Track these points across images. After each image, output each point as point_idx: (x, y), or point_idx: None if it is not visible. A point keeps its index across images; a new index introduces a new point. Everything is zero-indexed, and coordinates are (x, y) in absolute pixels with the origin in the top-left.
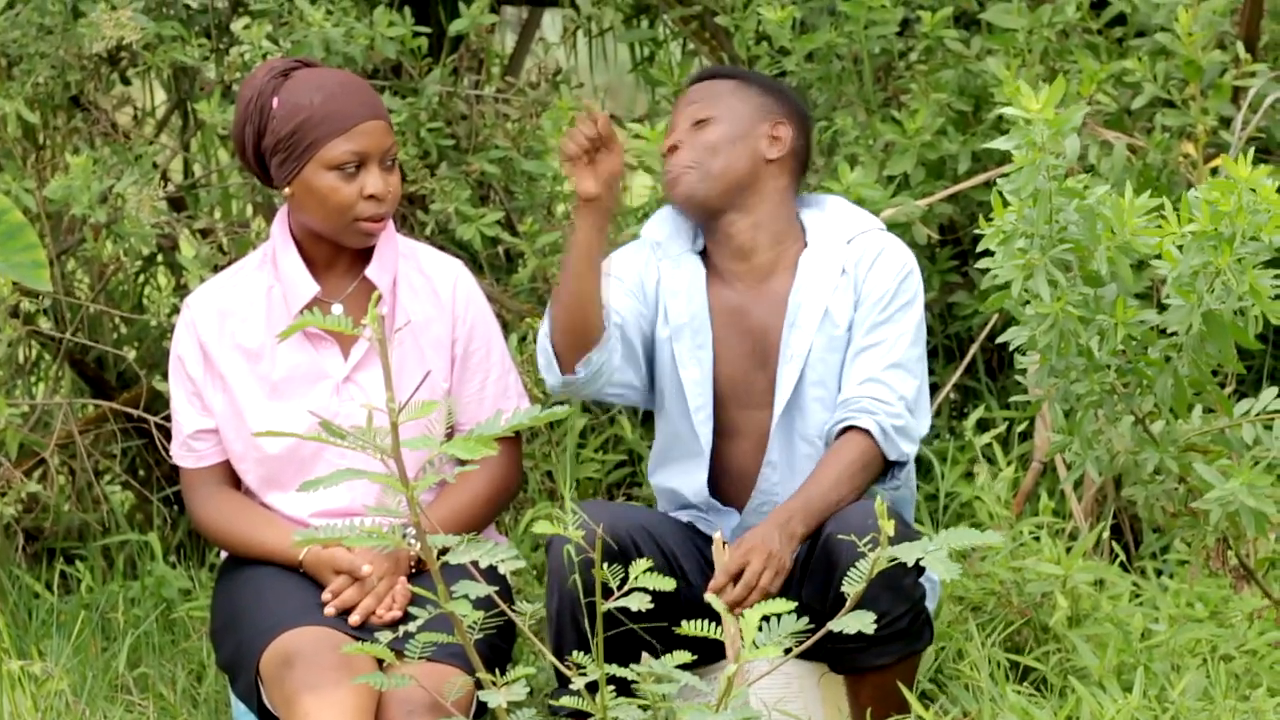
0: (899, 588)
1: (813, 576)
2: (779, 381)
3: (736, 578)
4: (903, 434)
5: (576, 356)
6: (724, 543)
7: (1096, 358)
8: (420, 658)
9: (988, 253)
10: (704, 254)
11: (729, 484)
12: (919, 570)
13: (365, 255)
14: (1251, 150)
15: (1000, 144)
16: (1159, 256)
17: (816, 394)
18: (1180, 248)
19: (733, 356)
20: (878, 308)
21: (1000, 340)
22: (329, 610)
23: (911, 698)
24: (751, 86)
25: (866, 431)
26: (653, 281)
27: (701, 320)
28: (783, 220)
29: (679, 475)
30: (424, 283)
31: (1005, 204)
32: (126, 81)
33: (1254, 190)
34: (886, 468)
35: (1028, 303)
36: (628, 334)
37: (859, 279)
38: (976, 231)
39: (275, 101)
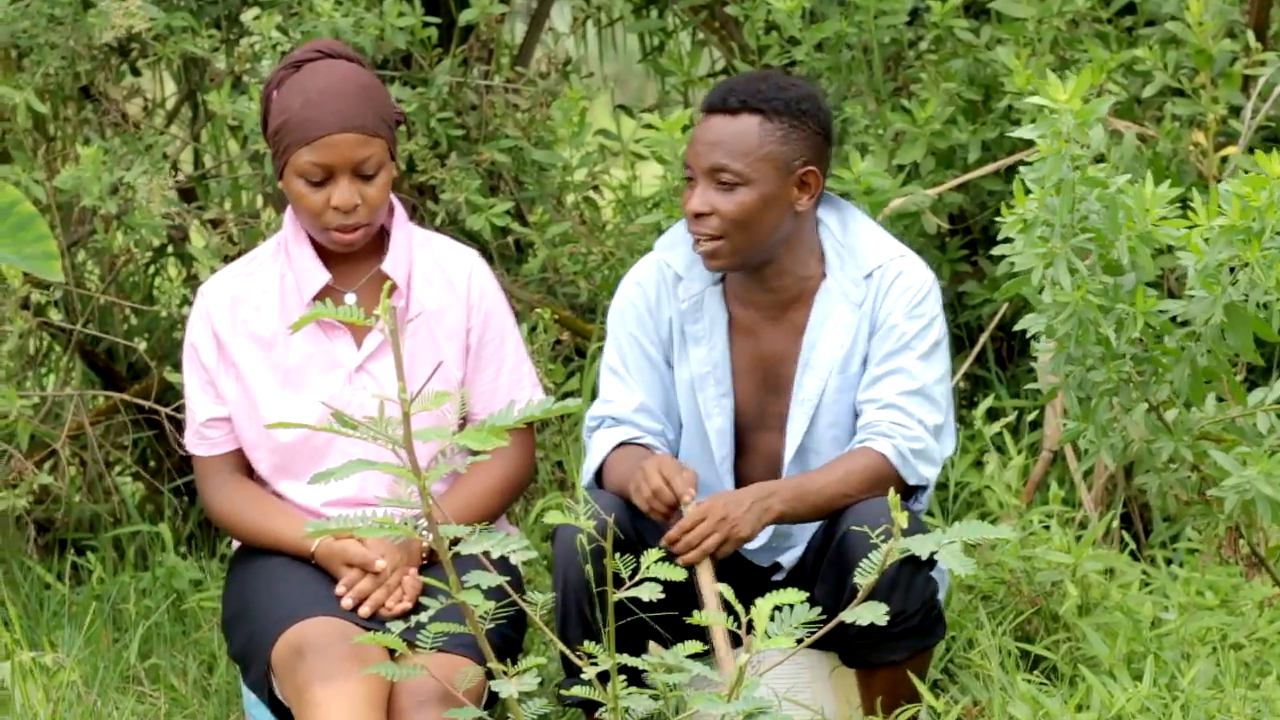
0: (911, 586)
1: (826, 575)
2: (790, 424)
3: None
4: (922, 457)
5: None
6: (692, 499)
7: (1114, 346)
8: (432, 648)
9: (999, 241)
10: (723, 278)
11: None
12: (931, 566)
13: (380, 245)
14: (1264, 144)
15: (1025, 133)
16: (1183, 248)
17: (832, 434)
18: (1206, 240)
19: (747, 383)
20: (894, 333)
21: (1018, 327)
22: (347, 602)
23: (923, 688)
24: (777, 124)
25: (883, 454)
26: (666, 318)
27: (724, 369)
28: (807, 254)
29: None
30: (439, 273)
31: (1027, 192)
32: (136, 72)
33: None
34: (906, 492)
35: (1043, 289)
36: (672, 426)
37: (876, 306)
38: (990, 221)
39: (275, 95)
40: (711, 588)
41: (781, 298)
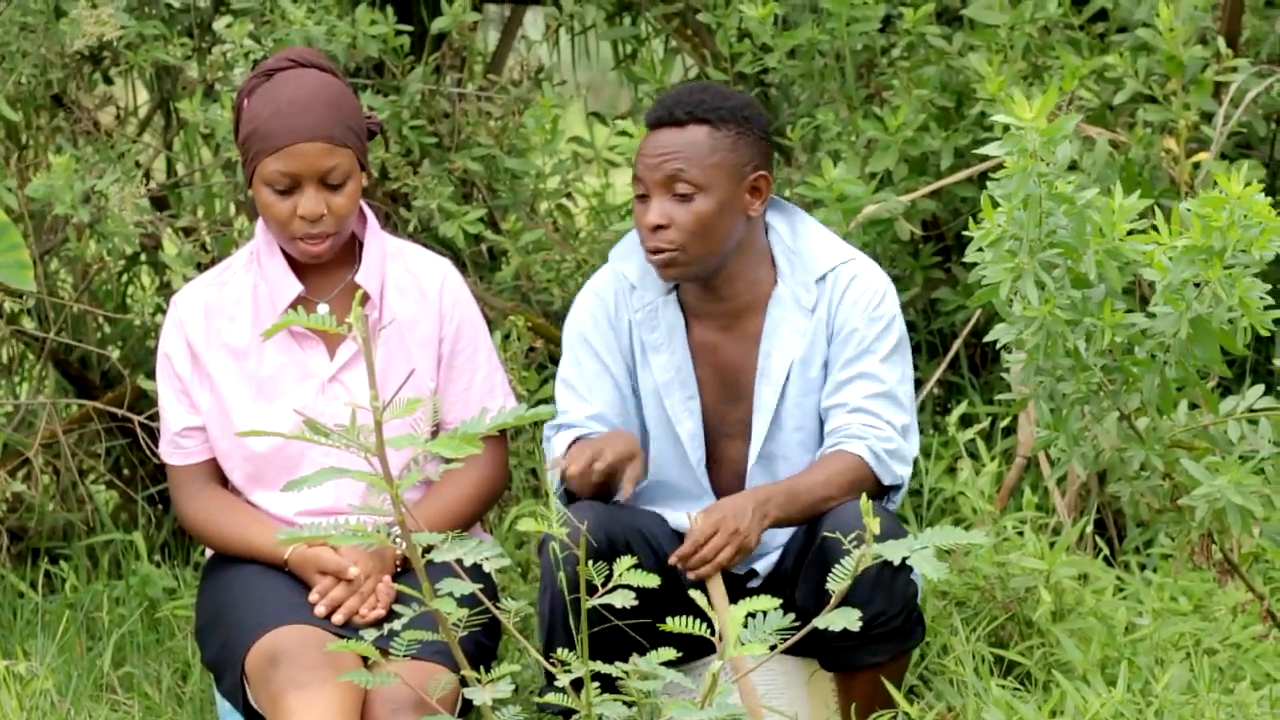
0: (892, 587)
1: (808, 576)
2: (753, 430)
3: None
4: (895, 457)
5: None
6: (692, 516)
7: (1084, 358)
8: (405, 655)
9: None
10: (676, 286)
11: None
12: (913, 569)
13: (352, 255)
14: (1236, 150)
15: (991, 150)
16: (1148, 265)
17: (799, 438)
18: (1170, 258)
19: (709, 392)
20: (854, 338)
21: (988, 339)
22: (320, 609)
23: (898, 695)
24: (725, 131)
25: (859, 456)
26: (626, 325)
27: (687, 372)
28: (758, 261)
29: (668, 512)
30: (411, 282)
31: (995, 205)
32: (109, 80)
33: (1246, 205)
34: (882, 492)
35: (1013, 301)
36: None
37: (831, 313)
38: (963, 227)
39: (246, 103)
40: (724, 601)
41: (734, 305)
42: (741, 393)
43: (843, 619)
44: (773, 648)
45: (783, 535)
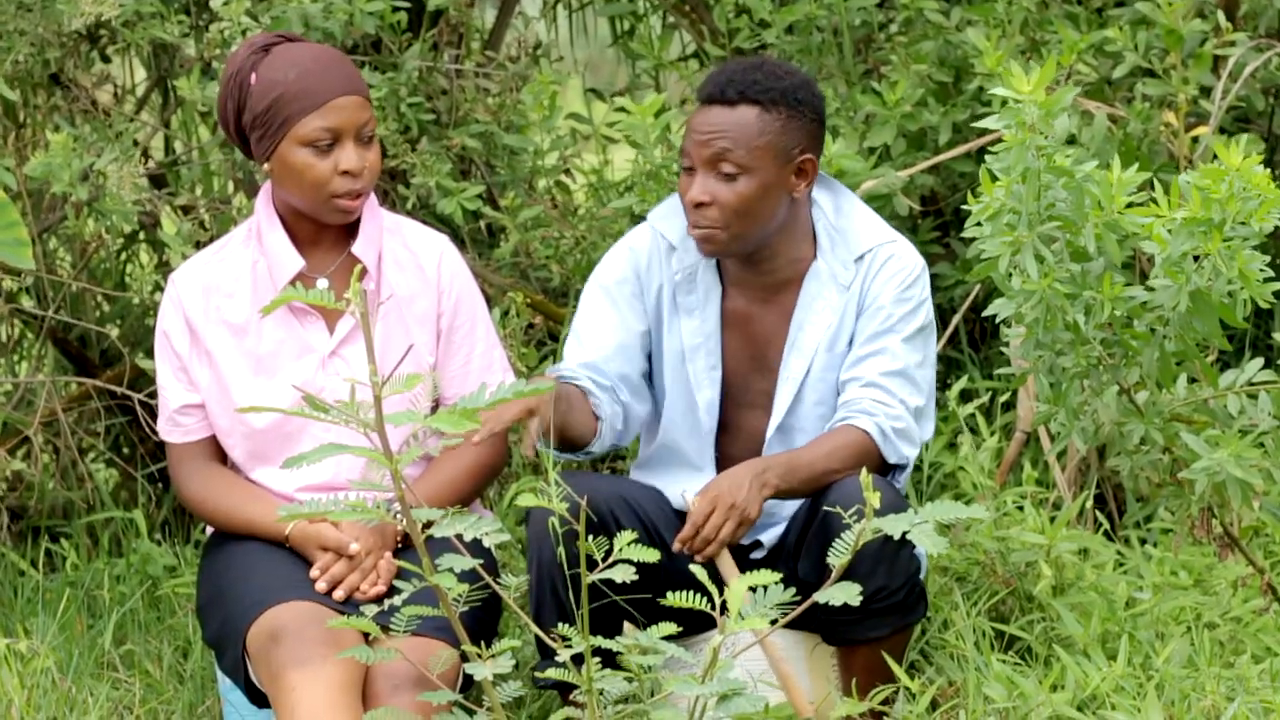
0: (895, 562)
1: (810, 549)
2: (775, 401)
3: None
4: (903, 436)
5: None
6: (687, 498)
7: (1083, 332)
8: (406, 632)
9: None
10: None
11: None
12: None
13: (350, 230)
14: (1235, 124)
15: (989, 124)
16: (1148, 237)
17: (818, 412)
18: (1170, 231)
19: (735, 360)
20: (880, 314)
21: (987, 313)
22: (320, 585)
23: (899, 670)
24: (775, 114)
25: (866, 431)
26: (655, 286)
27: (714, 341)
28: (800, 238)
29: (671, 485)
30: (409, 258)
31: (994, 179)
32: (106, 59)
33: (1245, 177)
34: (886, 469)
35: (1012, 275)
36: (629, 391)
37: (864, 289)
38: (961, 202)
39: (253, 78)
40: (736, 576)
41: (773, 279)
42: (768, 363)
43: (843, 593)
44: (773, 623)
45: (790, 506)
